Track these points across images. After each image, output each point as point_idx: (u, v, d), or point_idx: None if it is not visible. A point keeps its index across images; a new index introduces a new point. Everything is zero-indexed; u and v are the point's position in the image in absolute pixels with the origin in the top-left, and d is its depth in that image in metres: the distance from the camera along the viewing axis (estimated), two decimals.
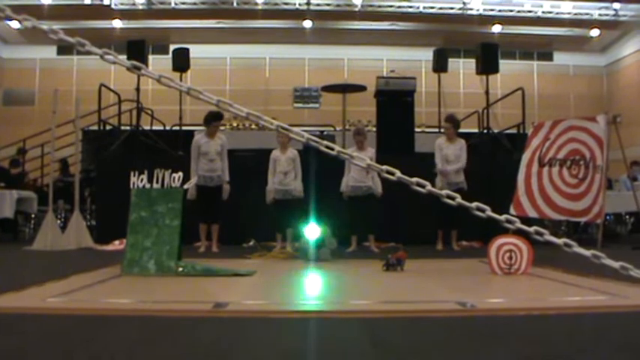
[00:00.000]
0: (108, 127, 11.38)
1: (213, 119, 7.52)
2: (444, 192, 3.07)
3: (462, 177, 7.83)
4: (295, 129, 3.21)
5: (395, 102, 9.70)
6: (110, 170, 9.10)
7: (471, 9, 17.00)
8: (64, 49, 17.95)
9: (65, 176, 11.45)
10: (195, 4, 16.80)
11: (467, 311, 3.07)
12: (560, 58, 19.60)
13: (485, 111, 11.49)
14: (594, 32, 17.89)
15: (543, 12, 17.09)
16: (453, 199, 3.12)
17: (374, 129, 9.76)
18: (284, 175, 7.46)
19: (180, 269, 4.64)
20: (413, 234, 8.21)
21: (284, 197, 7.47)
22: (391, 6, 17.00)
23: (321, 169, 7.72)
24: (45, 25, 3.12)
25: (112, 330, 2.59)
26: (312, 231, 6.12)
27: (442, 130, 9.08)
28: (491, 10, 17.00)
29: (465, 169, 7.87)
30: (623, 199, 9.27)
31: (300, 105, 12.51)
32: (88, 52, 3.04)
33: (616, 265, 2.90)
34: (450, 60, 13.21)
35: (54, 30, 3.08)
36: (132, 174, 5.02)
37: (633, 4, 16.56)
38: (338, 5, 17.00)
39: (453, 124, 8.04)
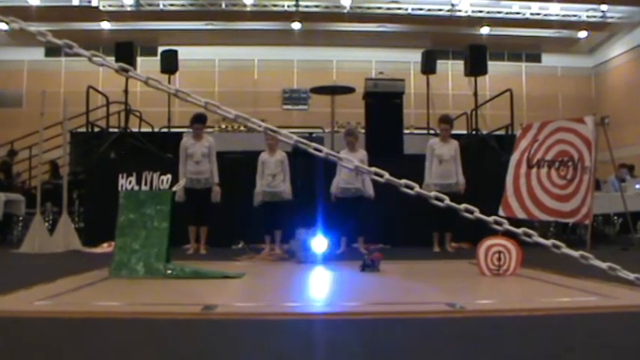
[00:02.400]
0: (96, 129, 11.33)
1: (195, 121, 7.52)
2: (433, 194, 3.07)
3: (454, 179, 7.77)
4: (284, 131, 3.21)
5: (383, 104, 9.70)
6: (98, 172, 9.04)
7: (460, 11, 17.07)
8: (52, 50, 17.87)
9: (55, 178, 11.38)
10: (183, 5, 16.78)
11: (456, 312, 3.07)
12: (548, 59, 19.73)
13: (474, 112, 11.52)
14: (582, 34, 18.02)
15: (531, 14, 17.19)
16: (441, 200, 3.12)
17: (363, 131, 9.75)
18: (272, 177, 7.43)
19: (169, 272, 4.62)
20: (405, 235, 8.20)
21: (272, 199, 7.44)
22: (380, 8, 17.05)
23: (310, 170, 7.70)
24: (33, 27, 3.11)
25: (100, 333, 2.57)
26: (301, 236, 6.12)
27: (438, 131, 9.05)
28: (480, 11, 17.08)
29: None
30: (611, 200, 9.31)
31: (288, 106, 12.50)
32: (76, 54, 3.02)
33: (604, 265, 2.92)
34: (438, 62, 13.23)
35: (42, 32, 3.06)
36: (120, 176, 5.00)
37: (621, 5, 16.69)
38: (326, 7, 17.03)
39: (450, 125, 8.03)
